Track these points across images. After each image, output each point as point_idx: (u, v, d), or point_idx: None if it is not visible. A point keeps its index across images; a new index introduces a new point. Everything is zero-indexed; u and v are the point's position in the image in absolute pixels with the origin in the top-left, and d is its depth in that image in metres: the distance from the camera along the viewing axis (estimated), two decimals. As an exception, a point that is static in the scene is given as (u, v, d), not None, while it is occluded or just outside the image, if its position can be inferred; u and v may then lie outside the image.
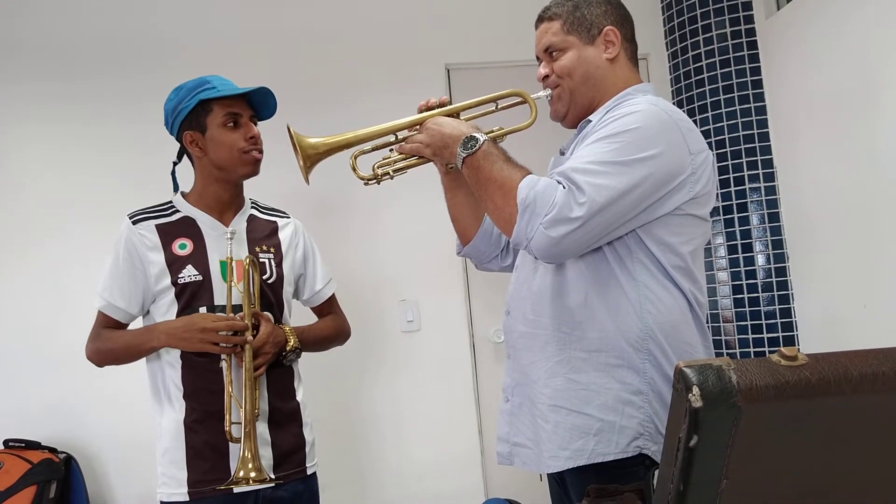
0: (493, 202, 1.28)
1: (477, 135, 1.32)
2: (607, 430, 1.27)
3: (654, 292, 1.30)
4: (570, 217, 1.18)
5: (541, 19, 1.47)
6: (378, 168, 1.44)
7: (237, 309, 1.61)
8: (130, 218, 1.68)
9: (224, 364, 1.59)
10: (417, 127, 1.42)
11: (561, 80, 1.43)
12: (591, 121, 1.40)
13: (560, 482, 1.41)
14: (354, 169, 1.44)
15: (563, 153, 1.49)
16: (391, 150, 1.45)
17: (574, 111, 1.44)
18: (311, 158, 1.40)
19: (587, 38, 1.41)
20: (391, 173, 1.44)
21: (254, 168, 1.70)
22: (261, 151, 1.70)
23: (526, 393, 1.39)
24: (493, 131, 1.41)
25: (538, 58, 1.49)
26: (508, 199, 1.23)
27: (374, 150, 1.45)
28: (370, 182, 1.45)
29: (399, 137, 1.44)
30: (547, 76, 1.45)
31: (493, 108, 1.46)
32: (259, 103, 1.72)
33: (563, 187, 1.20)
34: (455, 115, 1.43)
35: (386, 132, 1.43)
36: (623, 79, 1.43)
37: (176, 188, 1.76)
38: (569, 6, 1.43)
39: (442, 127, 1.37)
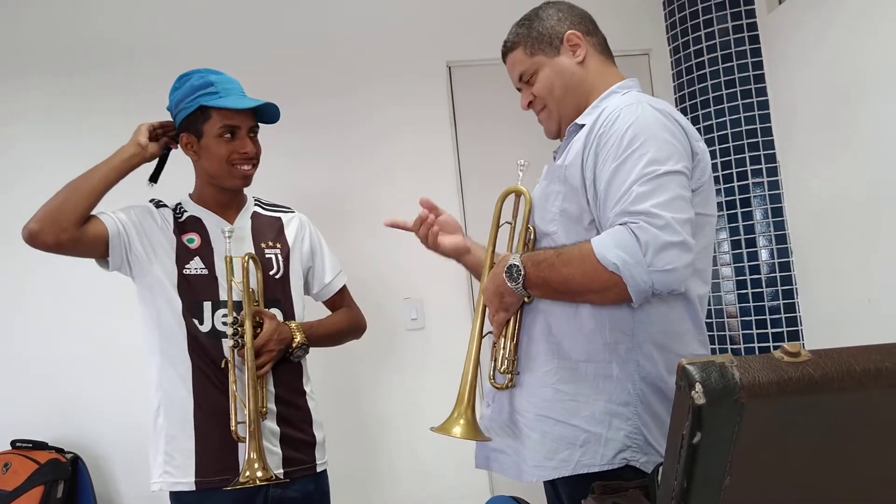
0: (592, 292, 1.23)
1: (510, 261, 1.28)
2: (594, 441, 1.27)
3: (649, 302, 1.26)
4: (668, 241, 1.16)
5: (504, 55, 1.49)
6: (505, 366, 1.37)
7: (239, 306, 1.61)
8: (152, 201, 1.71)
9: (228, 364, 1.59)
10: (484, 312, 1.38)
11: (545, 101, 1.44)
12: (577, 124, 1.39)
13: (553, 486, 1.41)
14: (496, 385, 1.39)
15: (555, 157, 1.48)
16: (493, 344, 1.40)
17: (566, 124, 1.44)
18: (472, 431, 1.35)
19: (552, 52, 1.42)
20: (513, 356, 1.37)
21: (243, 182, 1.69)
22: (254, 166, 1.68)
23: (506, 399, 1.39)
24: (513, 237, 1.41)
25: (519, 89, 1.50)
26: (602, 277, 1.18)
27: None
28: (515, 372, 1.37)
29: (483, 333, 1.39)
30: (531, 102, 1.47)
31: (497, 226, 1.44)
32: (262, 112, 1.69)
33: (636, 223, 1.17)
34: (490, 265, 1.41)
35: (477, 350, 1.37)
36: (600, 75, 1.43)
37: (153, 178, 1.73)
38: (523, 31, 1.45)
39: (488, 289, 1.35)
